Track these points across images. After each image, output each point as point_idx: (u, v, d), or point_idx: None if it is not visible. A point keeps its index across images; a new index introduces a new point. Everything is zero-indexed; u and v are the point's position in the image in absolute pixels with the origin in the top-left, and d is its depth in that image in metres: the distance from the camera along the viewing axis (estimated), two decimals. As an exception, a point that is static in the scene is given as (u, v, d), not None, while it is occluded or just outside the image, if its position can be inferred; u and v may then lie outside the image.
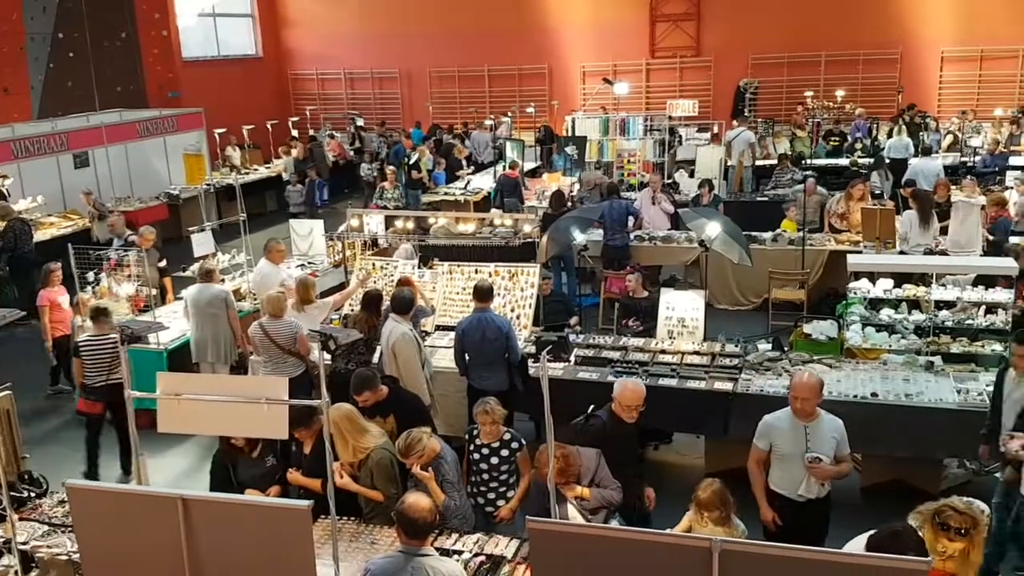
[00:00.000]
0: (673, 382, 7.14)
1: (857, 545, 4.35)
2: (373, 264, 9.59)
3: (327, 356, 7.26)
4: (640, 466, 5.85)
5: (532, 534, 3.06)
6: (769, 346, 7.96)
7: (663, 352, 7.77)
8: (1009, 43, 19.70)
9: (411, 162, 16.67)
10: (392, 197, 15.07)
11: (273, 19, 25.23)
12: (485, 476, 5.57)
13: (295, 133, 20.83)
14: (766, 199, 14.01)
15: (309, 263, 11.15)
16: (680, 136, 18.36)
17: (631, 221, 11.49)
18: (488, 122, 20.06)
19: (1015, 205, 10.98)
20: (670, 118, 17.51)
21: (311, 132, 21.73)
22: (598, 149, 17.61)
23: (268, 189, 18.48)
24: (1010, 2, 19.43)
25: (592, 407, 5.69)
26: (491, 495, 5.59)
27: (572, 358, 7.62)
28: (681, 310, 8.47)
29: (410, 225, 10.84)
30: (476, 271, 8.82)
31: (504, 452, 5.53)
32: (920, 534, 4.45)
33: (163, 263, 10.35)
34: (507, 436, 5.56)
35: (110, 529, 3.55)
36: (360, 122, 23.05)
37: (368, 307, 7.61)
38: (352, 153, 21.26)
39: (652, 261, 11.72)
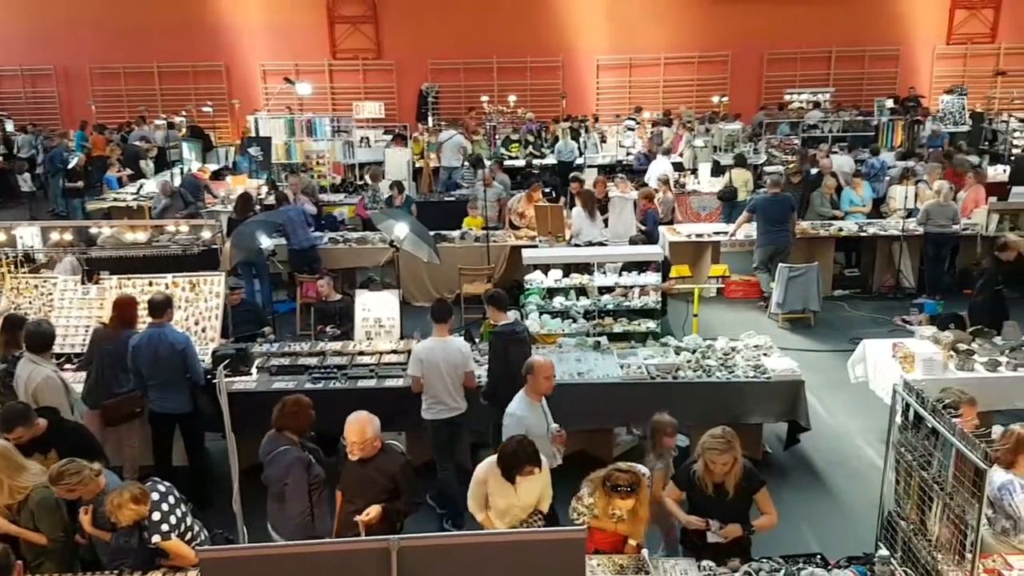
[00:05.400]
0: (372, 382, 7.21)
1: (486, 465, 5.04)
2: (27, 282, 8.47)
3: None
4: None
5: (203, 564, 2.92)
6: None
7: (361, 354, 7.81)
8: (653, 52, 22.39)
9: (70, 166, 15.05)
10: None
11: None
12: None
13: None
14: (453, 199, 14.59)
15: (-54, 285, 9.60)
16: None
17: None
18: (159, 121, 18.69)
19: (660, 202, 12.49)
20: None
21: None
22: (285, 150, 17.20)
23: None
24: (652, 15, 22.10)
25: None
26: None
27: (254, 369, 7.36)
28: (377, 310, 8.59)
29: (69, 236, 9.76)
30: (150, 283, 8.19)
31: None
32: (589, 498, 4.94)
33: None
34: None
35: None
36: (10, 125, 20.35)
37: (6, 331, 6.66)
38: (1, 159, 18.72)
39: (347, 263, 11.71)
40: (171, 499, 4.78)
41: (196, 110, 20.14)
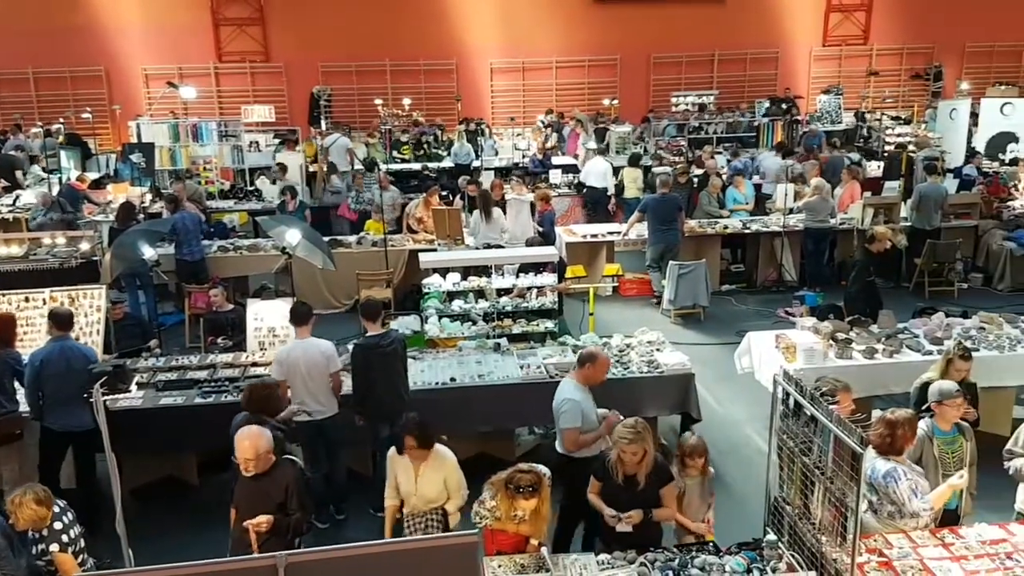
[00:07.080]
0: (267, 394, 7.04)
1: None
2: None
3: None
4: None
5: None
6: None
7: (255, 364, 7.61)
8: (545, 55, 22.62)
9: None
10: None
11: None
12: None
13: None
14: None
15: None
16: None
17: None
18: (35, 129, 17.74)
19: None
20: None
21: None
22: (170, 156, 16.62)
23: None
24: (544, 20, 22.28)
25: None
26: None
27: (134, 386, 7.05)
28: (270, 319, 8.36)
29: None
30: (27, 299, 7.79)
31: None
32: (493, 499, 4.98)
33: None
34: None
35: None
36: None
37: None
38: None
39: (238, 271, 11.41)
40: (69, 515, 4.67)
41: (75, 117, 19.19)
